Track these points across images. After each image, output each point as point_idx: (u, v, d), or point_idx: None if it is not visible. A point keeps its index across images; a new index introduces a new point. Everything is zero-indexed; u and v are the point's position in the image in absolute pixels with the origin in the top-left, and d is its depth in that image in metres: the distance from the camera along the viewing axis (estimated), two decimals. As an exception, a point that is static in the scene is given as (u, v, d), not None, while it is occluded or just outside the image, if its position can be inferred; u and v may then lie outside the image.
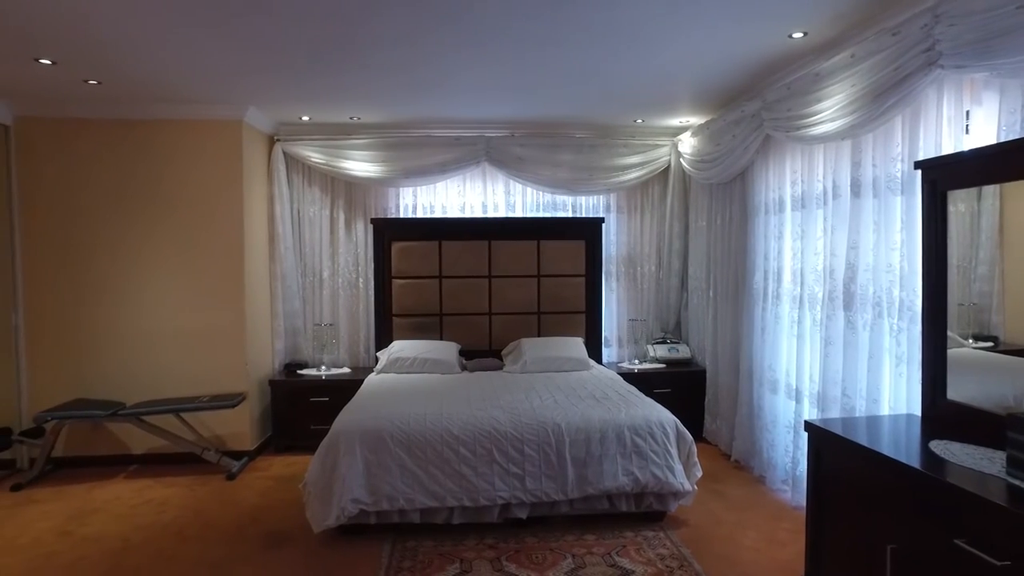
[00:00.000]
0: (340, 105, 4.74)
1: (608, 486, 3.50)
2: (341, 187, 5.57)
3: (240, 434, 4.85)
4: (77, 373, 4.76)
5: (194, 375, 4.79)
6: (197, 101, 4.56)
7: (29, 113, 4.63)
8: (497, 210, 5.70)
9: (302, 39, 3.36)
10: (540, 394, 4.11)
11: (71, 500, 4.13)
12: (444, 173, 5.42)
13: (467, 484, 3.43)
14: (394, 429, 3.48)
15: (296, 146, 5.35)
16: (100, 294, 4.76)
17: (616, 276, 5.87)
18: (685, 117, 5.16)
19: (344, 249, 5.59)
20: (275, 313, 5.39)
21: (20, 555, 3.39)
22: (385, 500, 3.39)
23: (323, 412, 4.86)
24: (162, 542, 3.51)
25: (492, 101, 4.69)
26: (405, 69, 3.89)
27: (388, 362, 4.99)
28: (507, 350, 5.34)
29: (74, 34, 3.27)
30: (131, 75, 3.95)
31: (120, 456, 4.80)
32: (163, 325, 4.78)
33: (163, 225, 4.76)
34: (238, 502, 4.06)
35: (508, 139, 5.48)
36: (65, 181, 4.71)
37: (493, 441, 3.48)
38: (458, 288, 5.49)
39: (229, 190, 4.77)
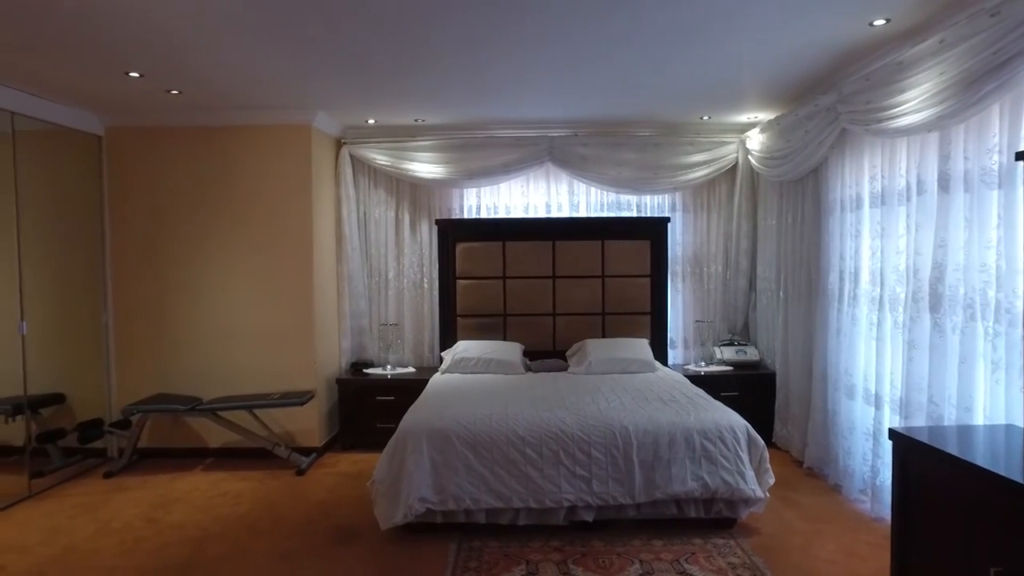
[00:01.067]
0: (405, 108, 4.81)
1: (677, 491, 3.42)
2: (406, 189, 5.65)
3: (309, 431, 4.98)
4: (159, 369, 4.99)
5: (266, 373, 4.94)
6: (269, 107, 4.71)
7: (118, 124, 4.90)
8: (561, 210, 5.67)
9: (371, 44, 3.42)
10: (606, 396, 4.06)
11: (155, 489, 4.33)
12: (507, 174, 5.43)
13: (533, 485, 3.42)
14: (460, 429, 3.49)
15: (362, 149, 5.46)
16: (180, 294, 4.98)
17: (682, 276, 5.75)
18: (753, 113, 5.01)
19: (409, 250, 5.67)
20: (342, 313, 5.52)
21: (114, 538, 3.59)
22: (451, 500, 3.41)
23: (388, 411, 4.95)
24: (238, 533, 3.63)
25: (555, 101, 4.67)
26: (471, 71, 3.91)
27: (452, 362, 5.04)
28: (571, 351, 5.31)
29: (159, 47, 3.42)
30: (209, 84, 4.12)
31: (198, 449, 5.01)
32: (238, 324, 4.96)
33: (238, 227, 4.94)
34: (308, 497, 4.16)
35: (571, 139, 5.44)
36: (148, 187, 4.95)
37: (560, 443, 3.45)
38: (522, 288, 5.49)
39: (299, 193, 4.91)
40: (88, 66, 3.72)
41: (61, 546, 3.50)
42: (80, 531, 3.68)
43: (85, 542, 3.54)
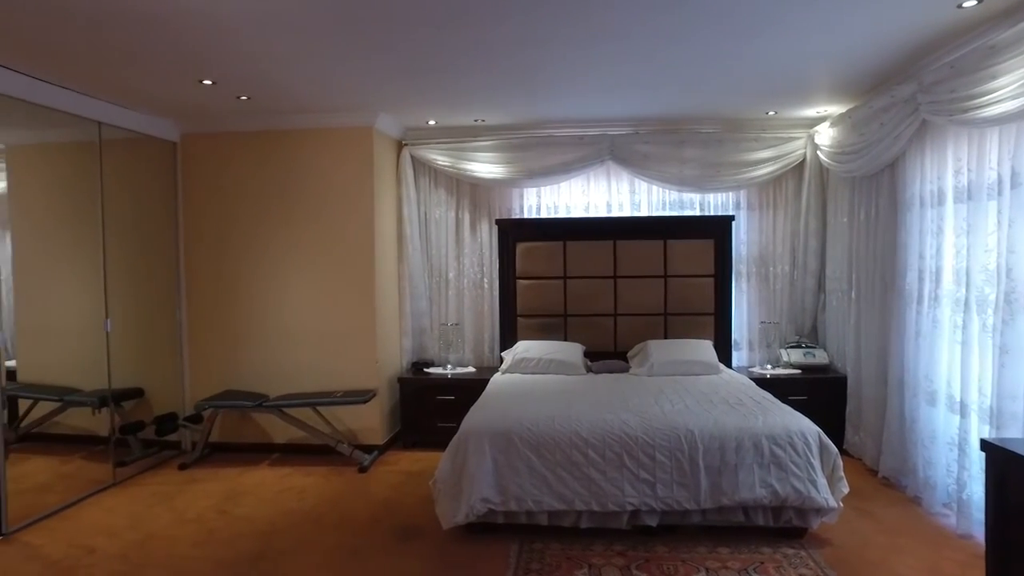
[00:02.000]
0: (466, 108, 4.83)
1: (744, 497, 3.32)
2: (466, 189, 5.68)
3: (371, 429, 5.06)
4: (229, 366, 5.17)
5: (329, 371, 5.05)
6: (332, 110, 4.81)
7: (191, 130, 5.10)
8: (622, 209, 5.59)
9: (432, 45, 3.45)
10: (670, 398, 3.97)
11: (225, 482, 4.48)
12: (568, 173, 5.39)
13: (596, 488, 3.37)
14: (522, 430, 3.48)
15: (423, 150, 5.51)
16: (247, 293, 5.14)
17: (746, 276, 5.58)
18: (823, 106, 4.82)
19: (469, 250, 5.70)
20: (403, 312, 5.59)
21: (189, 528, 3.73)
22: (513, 500, 3.40)
23: (449, 410, 4.99)
24: (304, 528, 3.72)
25: (617, 99, 4.61)
26: (531, 70, 3.90)
27: (513, 362, 5.03)
28: (633, 352, 5.23)
29: (231, 55, 3.54)
30: (276, 89, 4.23)
31: (264, 444, 5.16)
32: (302, 323, 5.09)
33: (302, 228, 5.07)
34: (371, 494, 4.23)
35: (632, 136, 5.36)
36: (218, 190, 5.13)
37: (623, 445, 3.40)
38: (583, 289, 5.44)
39: (361, 193, 5.00)
40: (166, 75, 3.88)
41: (143, 532, 3.67)
42: (159, 519, 3.85)
43: (163, 530, 3.70)
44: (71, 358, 4.58)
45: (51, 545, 3.55)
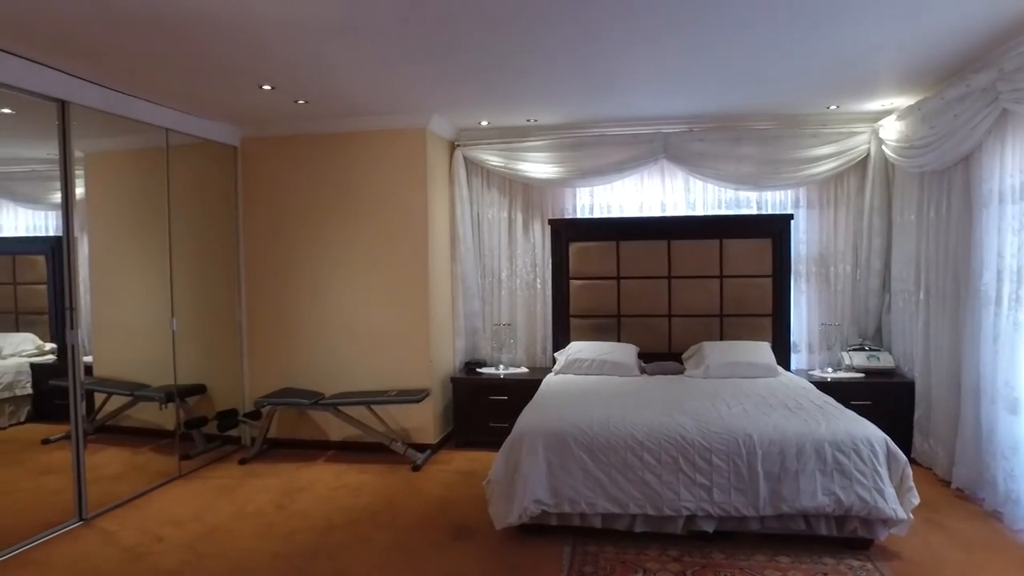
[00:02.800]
0: (518, 108, 4.83)
1: (805, 505, 3.20)
2: (519, 189, 5.68)
3: (424, 428, 5.11)
4: (286, 364, 5.30)
5: (383, 370, 5.12)
6: (386, 112, 4.88)
7: (251, 134, 5.25)
8: (676, 208, 5.50)
9: (486, 45, 3.45)
10: (727, 401, 3.88)
11: (283, 477, 4.59)
12: (621, 172, 5.32)
13: (651, 492, 3.31)
14: (577, 432, 3.45)
15: (475, 150, 5.54)
16: (304, 293, 5.26)
17: (806, 277, 5.40)
18: (889, 99, 4.62)
19: (522, 250, 5.69)
20: (456, 312, 5.63)
21: (249, 521, 3.84)
22: (567, 503, 3.37)
23: (502, 410, 5.00)
24: (359, 525, 3.77)
25: (671, 96, 4.53)
26: (586, 68, 3.87)
27: (566, 363, 5.00)
28: (688, 354, 5.13)
29: (290, 60, 3.62)
30: (332, 93, 4.31)
31: (320, 442, 5.26)
32: (357, 323, 5.17)
33: (357, 230, 5.15)
34: (424, 493, 4.26)
35: (687, 134, 5.26)
36: (276, 192, 5.27)
37: (679, 449, 3.33)
38: (636, 289, 5.37)
39: (414, 194, 5.05)
40: (229, 82, 4.00)
41: (207, 524, 3.80)
42: (221, 511, 3.97)
43: (225, 522, 3.81)
44: (141, 355, 4.78)
45: (124, 531, 3.71)
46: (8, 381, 4.06)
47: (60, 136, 3.83)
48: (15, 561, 3.40)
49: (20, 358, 4.14)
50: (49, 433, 4.07)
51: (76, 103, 3.86)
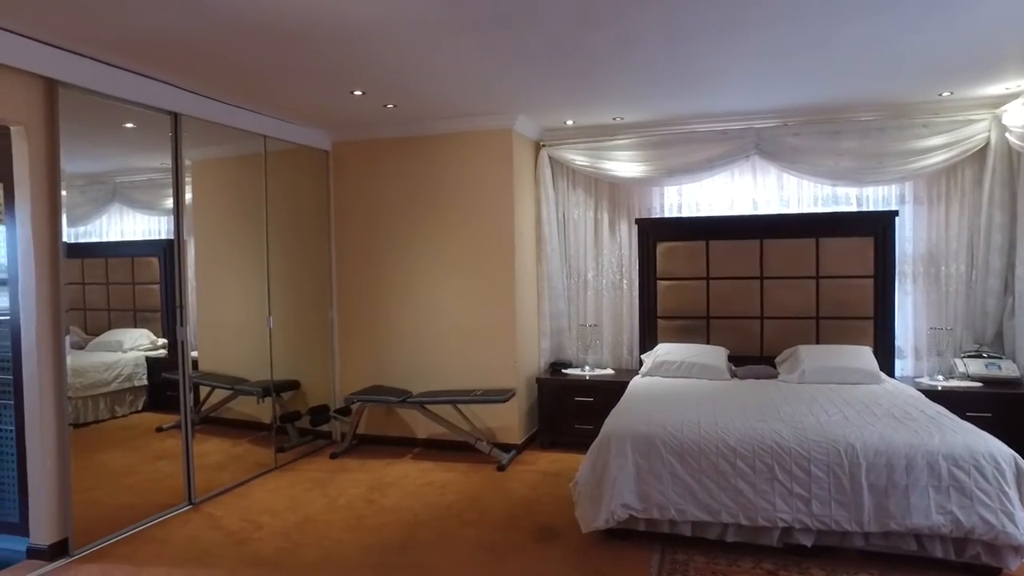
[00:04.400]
0: (604, 107, 4.77)
1: (917, 523, 2.98)
2: (604, 188, 5.61)
3: (509, 428, 5.12)
4: (375, 362, 5.45)
5: (469, 369, 5.17)
6: (473, 114, 4.93)
7: (342, 139, 5.44)
8: (769, 206, 5.27)
9: (572, 44, 3.42)
10: (825, 408, 3.67)
11: (372, 472, 4.72)
12: (711, 170, 5.16)
13: (744, 501, 3.18)
14: (666, 435, 3.36)
15: (560, 150, 5.51)
16: (392, 293, 5.39)
17: (912, 277, 5.05)
18: (1015, 81, 4.22)
19: (608, 250, 5.62)
20: (542, 313, 5.62)
21: (340, 514, 3.96)
22: (655, 508, 3.29)
23: (587, 412, 4.96)
24: (445, 522, 3.82)
25: (763, 90, 4.35)
26: (675, 65, 3.77)
27: (653, 365, 4.89)
28: (781, 357, 4.91)
29: (380, 65, 3.72)
30: (420, 96, 4.40)
31: (407, 439, 5.37)
32: (444, 322, 5.25)
33: (444, 230, 5.23)
34: (509, 492, 4.27)
35: (780, 129, 5.03)
36: (365, 195, 5.43)
37: (775, 457, 3.18)
38: (726, 290, 5.19)
39: (501, 195, 5.08)
40: (323, 89, 4.16)
41: (301, 514, 3.95)
42: (314, 503, 4.12)
43: (318, 513, 3.95)
44: (240, 351, 5.03)
45: (227, 517, 3.92)
46: (128, 373, 4.38)
47: (173, 146, 4.10)
48: (138, 537, 3.68)
49: (137, 352, 4.46)
50: (161, 422, 4.36)
51: (186, 115, 4.12)
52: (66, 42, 3.28)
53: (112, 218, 4.46)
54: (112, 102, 3.69)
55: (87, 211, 4.16)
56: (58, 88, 3.40)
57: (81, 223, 4.00)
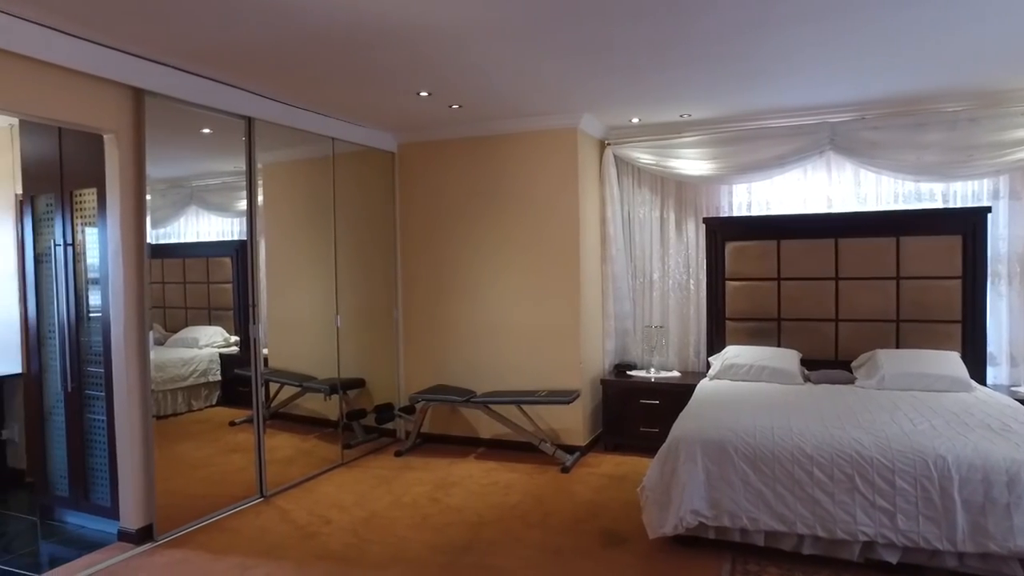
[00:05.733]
0: (671, 103, 4.67)
1: (1022, 546, 2.77)
2: (671, 187, 5.50)
3: (573, 429, 5.07)
4: (439, 362, 5.49)
5: (533, 370, 5.15)
6: (538, 113, 4.90)
7: (407, 140, 5.51)
8: (845, 204, 5.03)
9: (638, 40, 3.34)
10: (909, 416, 3.48)
11: (436, 471, 4.75)
12: (782, 167, 4.97)
13: (821, 512, 3.04)
14: (738, 441, 3.24)
15: (626, 148, 5.43)
16: (457, 293, 5.42)
17: (1007, 278, 4.72)
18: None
19: (674, 250, 5.50)
20: (606, 314, 5.54)
21: (405, 511, 4.01)
22: (726, 516, 3.18)
23: (653, 415, 4.87)
24: (509, 523, 3.80)
25: (840, 81, 4.15)
26: (745, 58, 3.65)
27: (722, 368, 4.75)
28: (858, 362, 4.68)
29: (447, 66, 3.73)
30: (485, 96, 4.40)
31: (470, 438, 5.39)
32: (508, 322, 5.25)
33: (510, 230, 5.23)
34: (574, 495, 4.22)
35: (857, 123, 4.80)
36: (430, 195, 5.48)
37: (855, 466, 3.02)
38: (799, 291, 5.00)
39: (565, 195, 5.04)
40: (390, 91, 4.21)
41: (367, 510, 4.01)
42: (380, 500, 4.18)
43: (384, 510, 4.00)
44: (308, 349, 5.15)
45: (297, 511, 4.02)
46: (203, 368, 4.55)
47: (247, 149, 4.23)
48: (214, 527, 3.81)
49: (212, 349, 4.63)
50: (234, 416, 4.51)
51: (260, 119, 4.25)
52: (152, 53, 3.43)
53: (189, 220, 4.65)
54: (192, 108, 3.84)
55: (167, 214, 4.34)
56: (145, 97, 3.56)
57: (161, 225, 4.17)
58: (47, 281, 3.95)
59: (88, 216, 3.76)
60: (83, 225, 3.79)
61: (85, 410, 3.81)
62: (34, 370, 4.06)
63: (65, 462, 3.92)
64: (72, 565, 3.36)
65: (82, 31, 3.11)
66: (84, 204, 3.77)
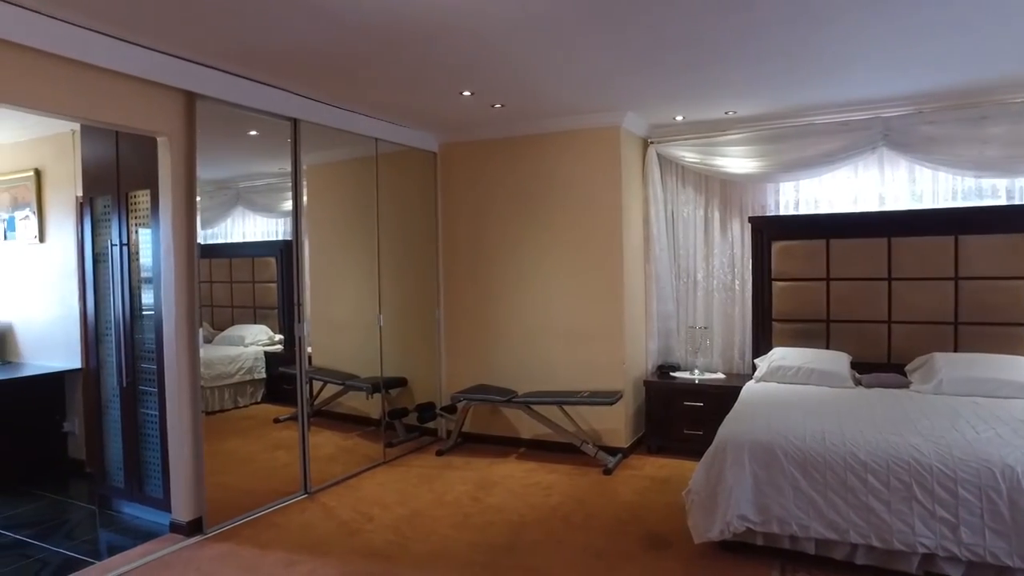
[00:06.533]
0: (715, 100, 4.57)
1: (1097, 561, 2.63)
2: (715, 186, 5.39)
3: (615, 431, 5.02)
4: (480, 361, 5.49)
5: (575, 370, 5.11)
6: (580, 112, 4.86)
7: (448, 140, 5.53)
8: (898, 202, 4.86)
9: (683, 35, 3.28)
10: (971, 423, 3.33)
11: (477, 471, 4.75)
12: (831, 164, 4.82)
13: (877, 521, 2.93)
14: (788, 445, 3.15)
15: (669, 147, 5.34)
16: (497, 292, 5.42)
17: (1081, 279, 4.49)
18: None
19: (719, 250, 5.39)
20: (649, 314, 5.47)
21: (447, 510, 4.02)
22: (775, 522, 3.10)
23: (697, 417, 4.79)
24: (551, 524, 3.78)
25: (895, 74, 3.99)
26: (795, 53, 3.55)
27: (768, 370, 4.63)
28: (913, 365, 4.50)
29: (491, 65, 3.73)
30: (528, 94, 4.37)
31: (511, 438, 5.38)
32: (549, 322, 5.22)
33: (551, 229, 5.19)
34: (616, 497, 4.17)
35: (913, 117, 4.62)
36: (471, 195, 5.49)
37: (913, 475, 2.90)
38: (848, 292, 4.84)
39: (608, 194, 4.98)
40: (433, 91, 4.22)
41: (409, 508, 4.03)
42: (421, 498, 4.20)
43: (426, 509, 4.02)
44: (350, 348, 5.22)
45: (340, 508, 4.07)
46: (249, 366, 4.65)
47: (292, 151, 4.30)
48: (260, 521, 3.89)
49: (257, 347, 4.73)
50: (278, 413, 4.59)
51: (305, 120, 4.31)
52: (203, 57, 3.51)
53: (235, 221, 4.75)
54: (240, 111, 3.92)
55: (214, 215, 4.45)
56: (196, 100, 3.65)
57: (209, 226, 4.28)
58: (104, 280, 4.08)
59: (142, 217, 3.87)
60: (137, 225, 3.91)
61: (139, 405, 3.93)
62: (92, 365, 4.20)
63: (121, 454, 4.04)
64: (128, 554, 3.46)
65: (138, 38, 3.20)
66: (138, 205, 3.89)
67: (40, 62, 2.95)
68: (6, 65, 2.84)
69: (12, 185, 5.07)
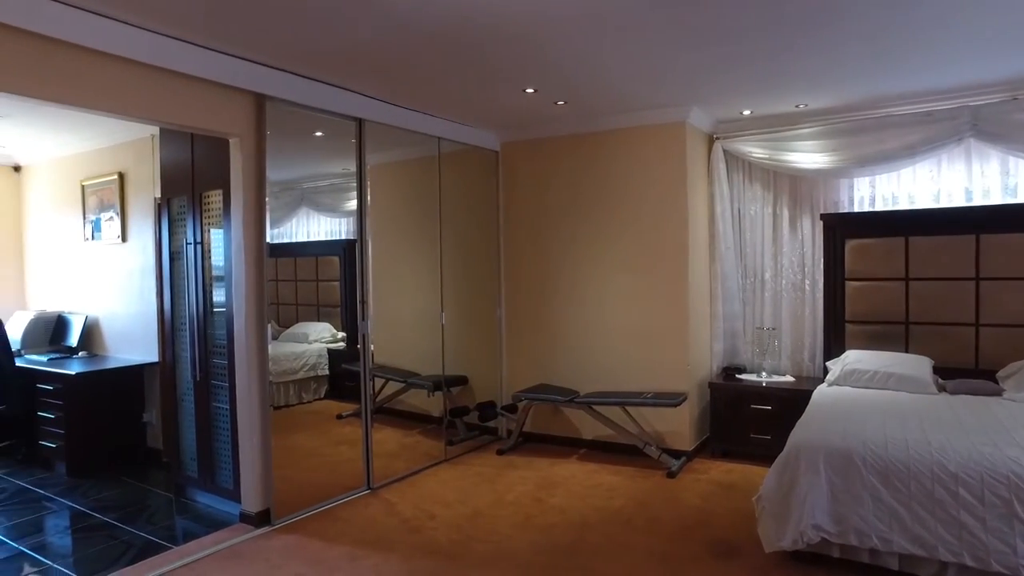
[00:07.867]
0: (785, 93, 4.40)
1: None
2: (784, 182, 5.19)
3: (679, 433, 4.89)
4: (542, 361, 5.45)
5: (638, 371, 5.01)
6: (644, 108, 4.76)
7: (510, 139, 5.51)
8: (988, 196, 4.56)
9: (752, 23, 3.15)
10: (1075, 435, 3.08)
11: (538, 471, 4.71)
12: (912, 157, 4.57)
13: (970, 538, 2.74)
14: (867, 452, 2.99)
15: (736, 142, 5.18)
16: (559, 291, 5.36)
17: None
18: None
19: (788, 248, 5.19)
20: (714, 314, 5.32)
21: (508, 509, 4.00)
22: (853, 534, 2.94)
23: (764, 421, 4.62)
24: (614, 527, 3.70)
25: (982, 59, 3.73)
26: (873, 39, 3.37)
27: (842, 374, 4.42)
28: (1006, 371, 4.22)
29: (554, 62, 3.69)
30: (591, 91, 4.31)
31: (572, 439, 5.31)
32: (612, 321, 5.13)
33: (614, 228, 5.11)
34: (680, 501, 4.06)
35: (1006, 104, 4.32)
36: (533, 194, 5.45)
37: (1013, 490, 2.69)
38: (929, 292, 4.58)
39: (673, 191, 4.87)
40: (495, 88, 4.21)
41: (470, 507, 4.03)
42: (483, 498, 4.19)
43: (487, 508, 4.01)
44: (412, 346, 5.27)
45: (402, 504, 4.10)
46: (313, 363, 4.75)
47: (357, 150, 4.36)
48: (326, 515, 3.96)
49: (320, 344, 4.82)
50: (341, 409, 4.67)
51: (369, 120, 4.37)
52: (271, 60, 3.60)
53: (300, 220, 4.86)
54: (307, 112, 4.00)
55: (280, 215, 4.56)
56: (265, 102, 3.74)
57: (275, 225, 4.38)
58: (179, 277, 4.24)
59: (214, 216, 4.00)
60: (210, 225, 4.04)
61: (211, 398, 4.06)
62: (168, 359, 4.38)
63: (194, 445, 4.20)
64: (202, 541, 3.59)
65: (212, 43, 3.32)
66: (211, 205, 4.02)
67: (126, 70, 3.10)
68: (98, 74, 3.00)
69: (99, 188, 5.34)
